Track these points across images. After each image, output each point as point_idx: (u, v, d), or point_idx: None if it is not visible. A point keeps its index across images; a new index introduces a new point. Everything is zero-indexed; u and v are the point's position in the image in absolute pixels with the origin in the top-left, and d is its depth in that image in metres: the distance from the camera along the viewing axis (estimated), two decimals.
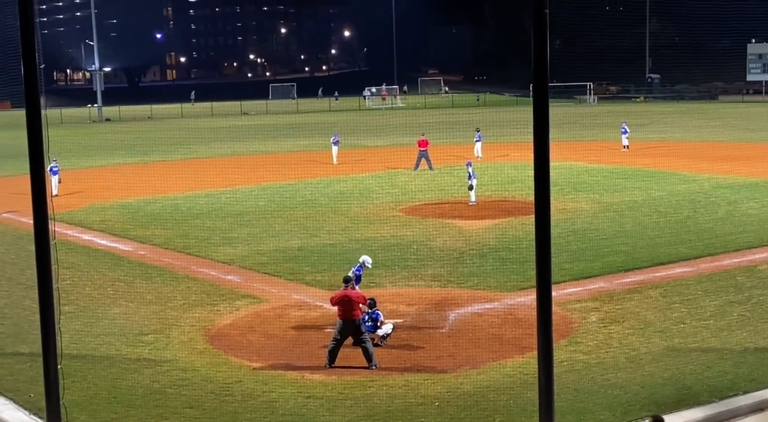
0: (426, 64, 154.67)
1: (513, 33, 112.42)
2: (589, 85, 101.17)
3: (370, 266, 16.44)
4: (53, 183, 34.03)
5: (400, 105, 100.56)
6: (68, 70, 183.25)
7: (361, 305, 14.28)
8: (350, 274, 15.89)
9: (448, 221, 27.23)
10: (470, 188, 29.40)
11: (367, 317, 15.04)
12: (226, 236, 25.69)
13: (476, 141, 43.44)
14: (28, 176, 10.25)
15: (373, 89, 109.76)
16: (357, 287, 15.47)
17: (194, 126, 75.35)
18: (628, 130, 46.71)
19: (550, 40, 9.41)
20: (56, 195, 32.95)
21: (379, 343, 15.10)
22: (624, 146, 46.27)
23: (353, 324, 14.09)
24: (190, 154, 51.32)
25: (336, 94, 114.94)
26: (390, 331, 15.26)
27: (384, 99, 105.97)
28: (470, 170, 29.77)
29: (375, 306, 15.43)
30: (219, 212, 29.93)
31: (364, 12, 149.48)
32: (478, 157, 42.26)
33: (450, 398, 12.73)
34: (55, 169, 34.22)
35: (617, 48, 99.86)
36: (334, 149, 43.77)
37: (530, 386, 12.19)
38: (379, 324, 15.23)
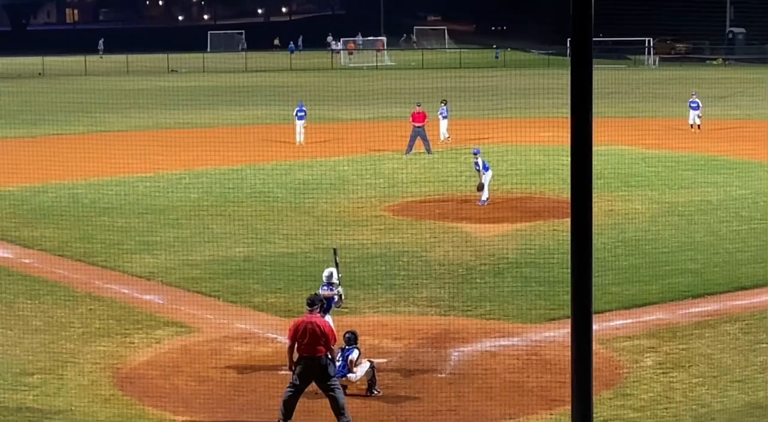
0: (425, 9, 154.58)
1: None
2: (649, 41, 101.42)
3: (336, 280, 16.39)
4: None
5: (388, 63, 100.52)
6: None
7: (331, 344, 14.23)
8: (321, 291, 15.85)
9: (452, 224, 27.24)
10: (479, 188, 29.37)
11: (339, 355, 15.02)
12: (144, 239, 25.60)
13: (442, 117, 43.31)
14: None
15: (342, 40, 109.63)
16: (328, 317, 15.43)
17: (102, 87, 75.05)
18: (700, 104, 46.84)
19: None
20: None
21: (375, 392, 15.08)
22: (692, 126, 46.41)
23: (318, 364, 14.06)
24: (96, 126, 51.09)
25: (293, 45, 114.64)
26: (368, 372, 15.20)
27: (350, 53, 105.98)
28: (479, 160, 29.61)
29: (355, 342, 15.40)
30: (135, 207, 29.83)
31: None
32: (447, 138, 42.37)
33: None
34: None
35: None
36: (298, 123, 43.72)
37: None
38: (349, 363, 15.18)
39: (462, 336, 17.86)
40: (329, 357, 14.19)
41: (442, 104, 43.97)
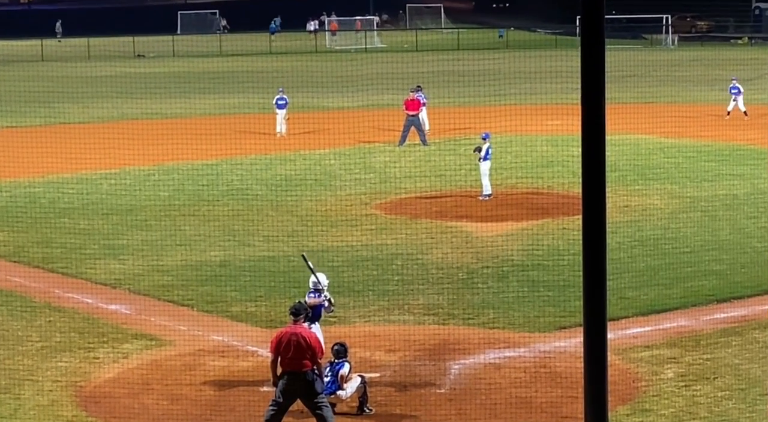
0: None
1: None
2: (666, 18, 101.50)
3: (325, 287, 16.41)
4: None
5: (379, 45, 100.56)
6: None
7: (318, 358, 14.24)
8: (307, 298, 15.84)
9: (451, 223, 27.25)
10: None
11: (328, 370, 15.01)
12: (109, 243, 25.57)
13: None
14: None
15: (323, 19, 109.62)
16: (316, 328, 15.42)
17: (61, 74, 74.92)
18: (741, 89, 46.52)
19: None
20: None
21: (366, 410, 15.09)
22: (729, 113, 46.21)
23: (303, 379, 14.05)
24: (55, 117, 51.01)
25: (274, 24, 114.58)
26: (359, 388, 15.21)
27: (333, 33, 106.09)
28: (487, 146, 29.79)
29: (345, 355, 15.39)
30: (99, 207, 29.78)
31: None
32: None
33: None
34: None
35: None
36: (279, 112, 43.71)
37: None
38: (339, 378, 15.18)
39: (463, 346, 17.85)
40: (316, 371, 14.18)
41: (417, 90, 43.80)
